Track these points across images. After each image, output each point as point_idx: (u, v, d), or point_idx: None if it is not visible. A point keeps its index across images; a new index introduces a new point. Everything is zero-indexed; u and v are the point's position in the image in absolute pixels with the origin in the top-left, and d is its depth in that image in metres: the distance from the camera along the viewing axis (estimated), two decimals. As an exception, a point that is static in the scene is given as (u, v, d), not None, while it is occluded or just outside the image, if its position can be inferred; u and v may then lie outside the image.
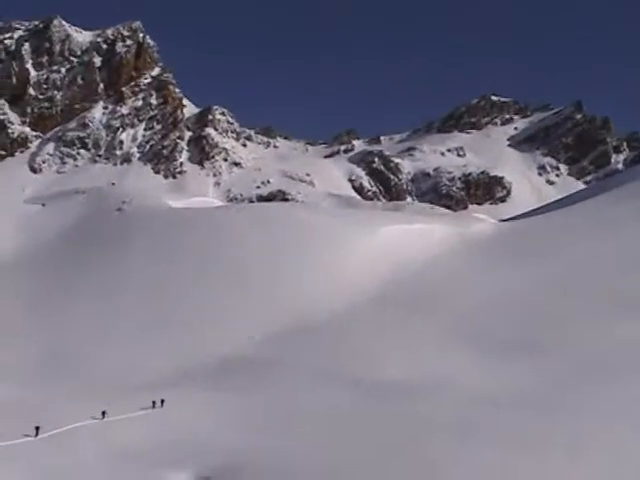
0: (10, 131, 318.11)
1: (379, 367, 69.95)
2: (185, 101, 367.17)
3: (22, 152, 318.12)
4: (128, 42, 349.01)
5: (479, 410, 55.15)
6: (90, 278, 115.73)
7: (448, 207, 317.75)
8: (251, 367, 76.19)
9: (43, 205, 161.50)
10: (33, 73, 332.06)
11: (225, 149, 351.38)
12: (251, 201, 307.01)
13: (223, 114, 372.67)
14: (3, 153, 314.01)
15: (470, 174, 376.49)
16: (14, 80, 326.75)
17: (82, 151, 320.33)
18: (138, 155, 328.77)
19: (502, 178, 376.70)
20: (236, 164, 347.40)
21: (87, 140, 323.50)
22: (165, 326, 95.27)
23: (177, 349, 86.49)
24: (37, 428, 57.59)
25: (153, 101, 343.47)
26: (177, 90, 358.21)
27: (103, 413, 63.16)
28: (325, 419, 57.91)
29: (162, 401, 66.40)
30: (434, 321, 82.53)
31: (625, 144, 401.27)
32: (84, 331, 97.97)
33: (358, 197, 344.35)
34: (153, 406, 66.12)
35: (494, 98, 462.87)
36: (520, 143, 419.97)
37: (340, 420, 57.26)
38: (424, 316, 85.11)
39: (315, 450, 51.04)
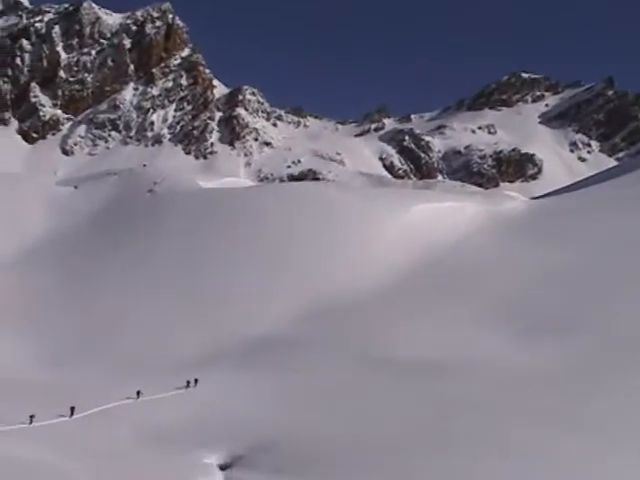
0: (42, 114, 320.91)
1: (412, 346, 69.80)
2: (215, 82, 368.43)
3: (54, 134, 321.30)
4: (158, 23, 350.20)
5: (508, 390, 55.01)
6: (122, 259, 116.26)
7: (479, 185, 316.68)
8: (284, 346, 76.43)
9: (75, 187, 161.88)
10: (64, 56, 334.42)
11: (255, 129, 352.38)
12: (282, 181, 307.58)
13: (253, 94, 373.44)
14: (35, 136, 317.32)
15: (501, 152, 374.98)
16: (45, 63, 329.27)
17: (113, 133, 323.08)
18: (169, 136, 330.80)
19: (533, 155, 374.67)
20: (267, 144, 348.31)
21: (118, 122, 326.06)
22: (198, 306, 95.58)
23: (210, 329, 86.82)
24: (72, 408, 58.25)
25: (183, 82, 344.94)
26: (207, 71, 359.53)
27: (138, 393, 63.82)
28: (356, 397, 58.14)
29: (196, 381, 66.96)
30: (467, 300, 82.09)
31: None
32: (116, 312, 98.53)
33: (389, 176, 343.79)
34: (187, 386, 66.71)
35: (524, 75, 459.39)
36: (551, 120, 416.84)
37: (370, 398, 57.44)
38: (457, 295, 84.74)
39: (347, 427, 51.27)
